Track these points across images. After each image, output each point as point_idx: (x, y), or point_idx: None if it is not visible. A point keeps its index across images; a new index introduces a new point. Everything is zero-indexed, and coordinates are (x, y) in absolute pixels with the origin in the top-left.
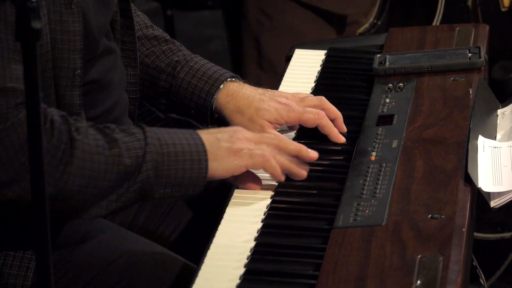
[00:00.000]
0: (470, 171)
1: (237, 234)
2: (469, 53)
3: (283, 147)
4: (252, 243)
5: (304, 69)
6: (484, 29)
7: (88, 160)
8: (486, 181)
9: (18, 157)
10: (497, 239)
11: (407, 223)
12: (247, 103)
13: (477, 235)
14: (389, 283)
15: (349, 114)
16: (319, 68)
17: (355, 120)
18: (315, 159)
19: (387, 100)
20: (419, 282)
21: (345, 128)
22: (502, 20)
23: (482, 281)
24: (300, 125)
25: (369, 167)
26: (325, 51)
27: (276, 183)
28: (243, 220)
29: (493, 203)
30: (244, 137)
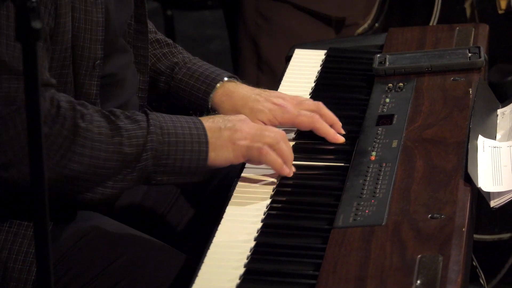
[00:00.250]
0: (470, 171)
1: (237, 234)
2: (469, 53)
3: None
4: (252, 243)
5: (304, 69)
6: (484, 29)
7: (89, 148)
8: (486, 181)
9: (20, 140)
10: (494, 240)
11: (407, 223)
12: (242, 103)
13: (475, 236)
14: (389, 283)
15: (349, 114)
16: (319, 68)
17: (355, 120)
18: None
19: (387, 100)
20: (419, 282)
21: (343, 132)
22: (499, 23)
23: (482, 281)
24: None
25: (369, 167)
26: (325, 51)
27: (276, 181)
28: (243, 220)
29: (493, 203)
30: (248, 127)
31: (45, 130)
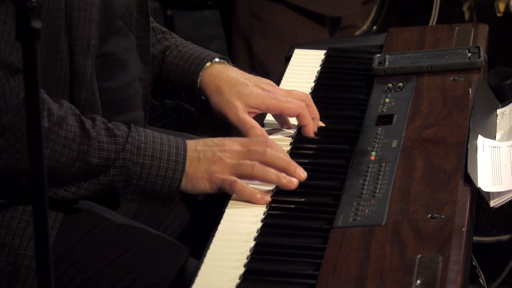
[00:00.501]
0: (469, 171)
1: (237, 234)
2: (469, 53)
3: (270, 162)
4: (252, 243)
5: (303, 69)
6: (484, 29)
7: (48, 148)
8: (485, 181)
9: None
10: (493, 242)
11: (407, 223)
12: (228, 84)
13: (474, 238)
14: (388, 283)
15: (349, 114)
16: (318, 68)
17: (354, 120)
18: (302, 179)
19: (387, 100)
20: (418, 282)
21: (322, 125)
22: (498, 26)
23: (482, 281)
24: (299, 126)
25: (368, 167)
26: (324, 51)
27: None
28: (243, 220)
29: (493, 203)
30: (228, 156)
31: (3, 120)
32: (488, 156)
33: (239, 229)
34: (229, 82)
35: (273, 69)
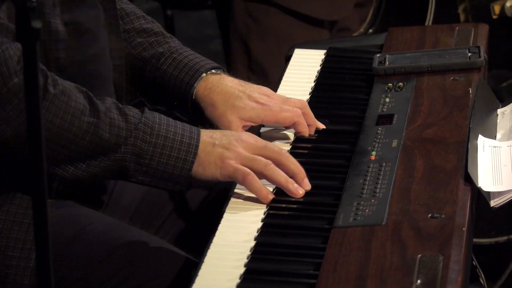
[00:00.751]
0: (470, 170)
1: (237, 234)
2: (469, 52)
3: (284, 163)
4: (252, 243)
5: (304, 68)
6: (484, 28)
7: (54, 114)
8: (486, 181)
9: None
10: (491, 243)
11: (407, 222)
12: (223, 98)
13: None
14: (389, 283)
15: (349, 114)
16: (319, 67)
17: (355, 120)
18: (304, 191)
19: (387, 100)
20: (419, 281)
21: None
22: (493, 28)
23: (482, 281)
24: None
25: (369, 166)
26: (324, 51)
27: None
28: (243, 220)
29: (493, 203)
30: (243, 146)
31: (9, 85)
32: (489, 155)
33: (239, 229)
34: (224, 96)
35: (271, 70)
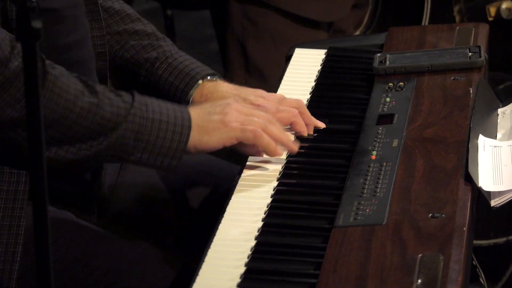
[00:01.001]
0: (470, 170)
1: (237, 233)
2: (469, 52)
3: (282, 117)
4: (253, 242)
5: (304, 68)
6: (484, 28)
7: (58, 95)
8: (486, 180)
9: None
10: (490, 245)
11: (408, 222)
12: None
13: None
14: (389, 283)
15: (349, 114)
16: (319, 67)
17: (355, 120)
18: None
19: (387, 99)
20: (419, 281)
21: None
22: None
23: (482, 280)
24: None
25: (369, 166)
26: (325, 51)
27: (277, 181)
28: (243, 219)
29: (494, 202)
30: (237, 109)
31: (4, 71)
32: (489, 155)
33: (240, 228)
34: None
35: (268, 72)
